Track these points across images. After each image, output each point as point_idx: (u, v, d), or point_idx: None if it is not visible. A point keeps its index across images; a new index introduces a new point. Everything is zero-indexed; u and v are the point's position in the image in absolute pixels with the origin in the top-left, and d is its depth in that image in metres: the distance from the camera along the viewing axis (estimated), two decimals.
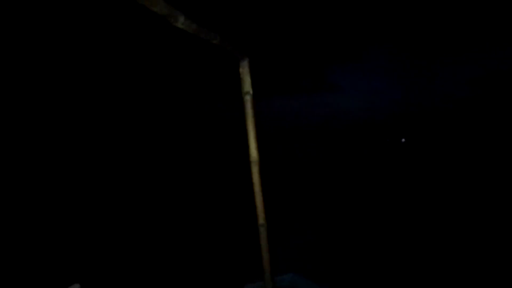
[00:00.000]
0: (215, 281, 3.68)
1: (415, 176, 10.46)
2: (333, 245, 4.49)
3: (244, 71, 1.98)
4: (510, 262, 3.66)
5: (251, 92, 1.96)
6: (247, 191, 2.18)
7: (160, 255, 4.48)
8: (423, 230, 4.88)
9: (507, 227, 4.69)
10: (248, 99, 1.97)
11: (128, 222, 6.19)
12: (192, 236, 5.12)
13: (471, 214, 5.52)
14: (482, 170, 10.14)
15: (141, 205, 7.51)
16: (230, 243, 4.68)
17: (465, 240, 4.38)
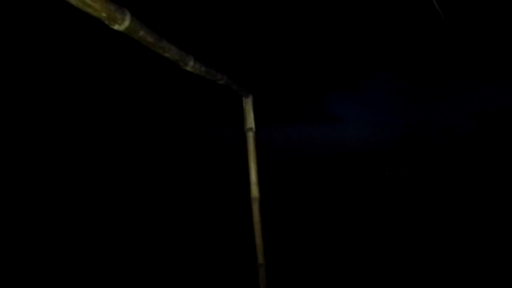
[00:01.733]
0: None
1: (413, 209, 10.36)
2: (336, 284, 4.38)
3: (248, 107, 2.00)
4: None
5: (254, 128, 1.98)
6: (246, 229, 2.15)
7: None
8: (422, 264, 4.78)
9: (500, 260, 4.60)
10: (250, 135, 1.98)
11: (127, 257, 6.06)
12: (190, 276, 5.00)
13: (471, 252, 5.43)
14: (481, 204, 10.06)
15: (142, 242, 7.37)
16: (228, 282, 4.56)
17: (459, 273, 4.29)
